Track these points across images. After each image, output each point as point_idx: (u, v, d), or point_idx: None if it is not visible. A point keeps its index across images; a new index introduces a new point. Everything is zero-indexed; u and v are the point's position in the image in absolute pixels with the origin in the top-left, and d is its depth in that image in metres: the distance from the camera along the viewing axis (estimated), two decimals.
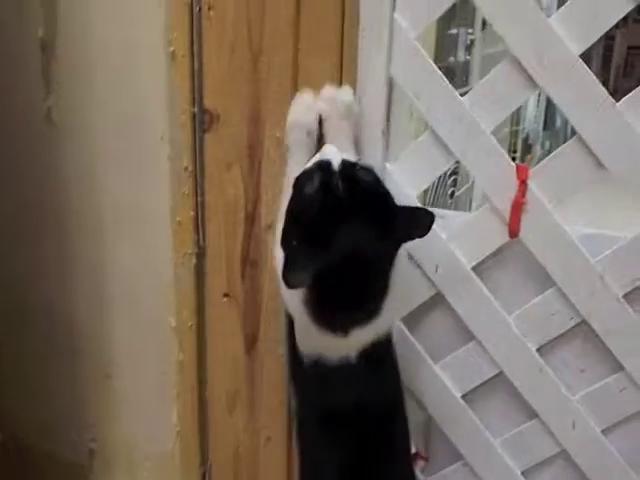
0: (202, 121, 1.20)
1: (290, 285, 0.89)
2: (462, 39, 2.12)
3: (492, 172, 1.09)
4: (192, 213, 1.25)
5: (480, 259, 1.14)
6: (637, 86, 1.01)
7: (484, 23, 2.30)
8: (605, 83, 1.01)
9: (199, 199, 1.24)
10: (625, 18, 1.00)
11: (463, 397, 1.22)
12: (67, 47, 1.28)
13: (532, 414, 1.17)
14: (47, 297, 1.45)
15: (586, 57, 1.01)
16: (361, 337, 0.99)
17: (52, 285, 1.44)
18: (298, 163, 1.10)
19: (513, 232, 1.10)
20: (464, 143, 1.10)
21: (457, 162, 1.14)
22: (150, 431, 1.41)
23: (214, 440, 1.35)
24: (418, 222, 0.97)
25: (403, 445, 1.14)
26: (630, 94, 1.00)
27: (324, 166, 0.95)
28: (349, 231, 0.91)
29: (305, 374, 1.06)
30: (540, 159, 1.11)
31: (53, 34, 1.28)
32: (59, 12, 1.26)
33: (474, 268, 1.14)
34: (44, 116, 1.34)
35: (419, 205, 0.97)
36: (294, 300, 0.98)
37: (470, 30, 2.18)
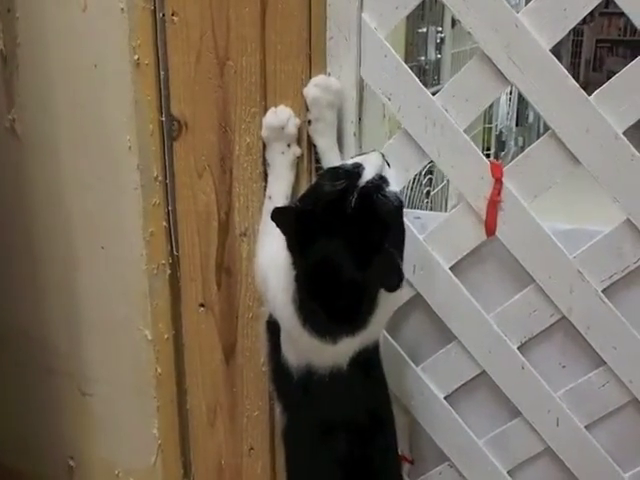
0: (170, 129, 1.18)
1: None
2: (432, 37, 2.13)
3: (467, 171, 1.09)
4: (164, 223, 1.23)
5: (458, 259, 1.13)
6: (608, 79, 1.01)
7: (454, 21, 2.31)
8: (575, 78, 1.01)
9: (171, 209, 1.22)
10: (592, 11, 1.00)
11: (446, 398, 1.21)
12: (29, 58, 1.25)
13: (515, 412, 1.17)
14: (20, 316, 1.42)
15: (555, 53, 1.01)
16: (349, 346, 0.99)
17: (24, 303, 1.41)
18: (278, 178, 1.11)
19: (490, 231, 1.09)
20: (438, 142, 1.09)
21: (432, 161, 1.13)
22: (131, 446, 1.38)
23: (196, 452, 1.33)
24: (388, 278, 0.92)
25: (393, 449, 1.14)
26: (602, 87, 1.00)
27: (354, 173, 0.95)
28: (332, 245, 0.92)
29: (294, 386, 1.05)
30: (514, 155, 1.10)
31: (14, 45, 1.24)
32: (18, 23, 1.23)
33: (452, 268, 1.14)
34: (7, 129, 1.30)
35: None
36: (286, 308, 0.98)
37: (440, 28, 2.19)
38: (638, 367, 1.07)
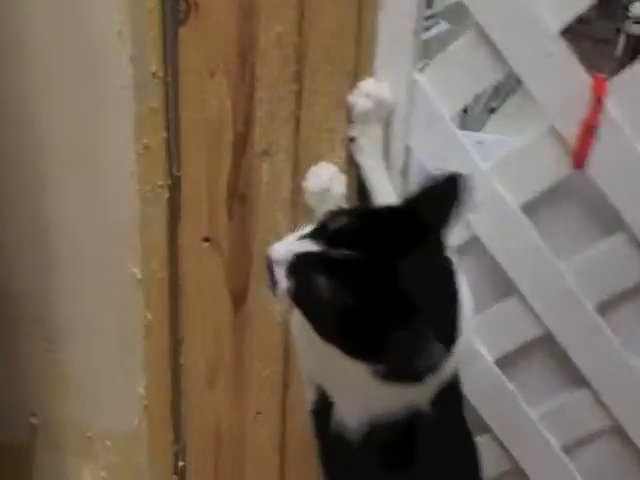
0: (176, 10, 1.00)
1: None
2: None
3: (557, 84, 0.90)
4: (163, 134, 1.07)
5: (531, 196, 0.97)
6: None
7: None
8: None
9: (172, 116, 1.06)
10: None
11: (496, 362, 1.05)
12: None
13: (581, 383, 1.02)
14: None
15: None
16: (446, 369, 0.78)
17: None
18: None
19: (579, 162, 0.92)
20: (520, 44, 0.90)
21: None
22: (110, 406, 1.25)
23: (190, 415, 1.21)
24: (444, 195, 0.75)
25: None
26: None
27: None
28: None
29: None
30: None
31: None
32: None
33: (523, 207, 0.97)
34: None
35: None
36: (355, 373, 0.75)
37: None
38: None
